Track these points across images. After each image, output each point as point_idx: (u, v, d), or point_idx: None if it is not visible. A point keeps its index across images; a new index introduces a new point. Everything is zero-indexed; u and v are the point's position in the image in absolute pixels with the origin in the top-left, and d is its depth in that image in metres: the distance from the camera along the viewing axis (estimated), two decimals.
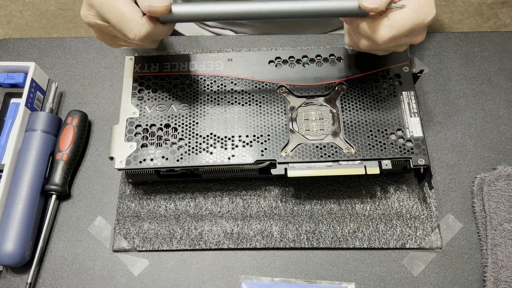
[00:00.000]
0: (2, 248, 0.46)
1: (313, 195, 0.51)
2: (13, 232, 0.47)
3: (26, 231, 0.48)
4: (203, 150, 0.47)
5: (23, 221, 0.48)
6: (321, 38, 0.61)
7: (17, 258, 0.47)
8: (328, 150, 0.47)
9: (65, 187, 0.51)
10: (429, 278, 0.48)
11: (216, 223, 0.50)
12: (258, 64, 0.52)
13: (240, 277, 0.48)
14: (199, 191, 0.52)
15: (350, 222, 0.50)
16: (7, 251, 0.46)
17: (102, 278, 0.49)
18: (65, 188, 0.51)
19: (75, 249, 0.50)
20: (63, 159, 0.51)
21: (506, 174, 0.51)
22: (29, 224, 0.48)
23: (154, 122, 0.49)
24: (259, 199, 0.51)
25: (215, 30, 0.74)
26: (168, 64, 0.52)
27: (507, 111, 0.56)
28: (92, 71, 0.59)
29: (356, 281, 0.48)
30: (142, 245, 0.49)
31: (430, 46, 0.60)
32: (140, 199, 0.52)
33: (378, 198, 0.51)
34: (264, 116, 0.49)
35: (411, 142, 0.47)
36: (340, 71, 0.51)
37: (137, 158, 0.47)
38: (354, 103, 0.50)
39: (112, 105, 0.57)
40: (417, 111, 0.49)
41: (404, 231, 0.49)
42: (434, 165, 0.53)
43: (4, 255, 0.46)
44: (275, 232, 0.50)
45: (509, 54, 0.59)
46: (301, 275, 0.48)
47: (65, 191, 0.51)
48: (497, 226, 0.48)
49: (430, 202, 0.51)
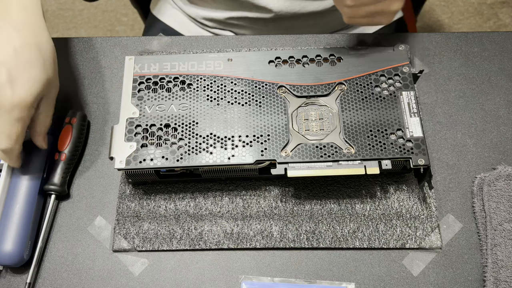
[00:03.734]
0: (0, 248, 0.46)
1: (313, 195, 0.51)
2: (11, 232, 0.47)
3: (24, 231, 0.48)
4: (203, 150, 0.47)
5: (22, 221, 0.48)
6: (321, 38, 0.61)
7: (15, 258, 0.47)
8: (328, 150, 0.47)
9: (64, 187, 0.51)
10: (429, 278, 0.48)
11: (216, 223, 0.50)
12: (258, 64, 0.52)
13: (240, 277, 0.48)
14: (199, 191, 0.52)
15: (350, 222, 0.50)
16: (6, 251, 0.46)
17: (102, 278, 0.49)
18: (64, 188, 0.51)
19: (74, 249, 0.50)
20: (61, 159, 0.51)
21: (506, 174, 0.51)
22: (28, 224, 0.48)
23: (154, 122, 0.49)
24: (259, 199, 0.51)
25: (215, 31, 0.74)
26: (168, 64, 0.52)
27: (507, 111, 0.56)
28: (92, 71, 0.59)
29: (356, 281, 0.48)
30: (142, 245, 0.49)
31: (430, 46, 0.60)
32: (140, 199, 0.52)
33: (378, 198, 0.51)
34: (264, 116, 0.49)
35: (411, 142, 0.47)
36: (340, 71, 0.51)
37: (137, 158, 0.47)
38: (354, 103, 0.50)
39: (112, 105, 0.57)
40: (417, 111, 0.49)
41: (404, 231, 0.49)
42: (434, 165, 0.53)
43: (3, 255, 0.46)
44: (275, 232, 0.50)
45: (509, 54, 0.59)
46: (301, 275, 0.48)
47: (64, 190, 0.51)
48: (497, 226, 0.48)
49: (430, 202, 0.51)
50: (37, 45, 0.46)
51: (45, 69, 0.46)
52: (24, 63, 0.44)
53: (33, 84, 0.44)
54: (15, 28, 0.45)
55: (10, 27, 0.45)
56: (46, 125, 0.49)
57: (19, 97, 0.43)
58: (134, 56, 0.53)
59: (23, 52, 0.44)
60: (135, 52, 0.60)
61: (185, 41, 0.61)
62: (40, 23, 0.47)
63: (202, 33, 0.75)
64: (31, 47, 0.45)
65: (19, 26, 0.46)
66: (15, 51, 0.44)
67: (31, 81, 0.44)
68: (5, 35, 0.45)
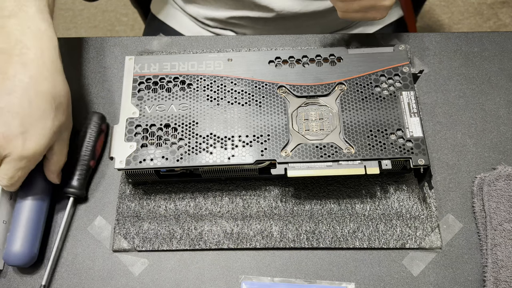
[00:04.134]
0: (11, 248, 0.46)
1: (313, 195, 0.51)
2: (22, 232, 0.47)
3: (35, 231, 0.48)
4: (203, 150, 0.47)
5: (33, 221, 0.47)
6: (321, 38, 0.61)
7: (26, 258, 0.46)
8: (328, 150, 0.47)
9: (83, 190, 0.51)
10: (429, 278, 0.48)
11: (216, 223, 0.50)
12: (258, 64, 0.52)
13: (240, 277, 0.48)
14: (199, 191, 0.52)
15: (350, 222, 0.50)
16: (16, 251, 0.46)
17: (102, 278, 0.49)
18: (83, 192, 0.51)
19: (75, 249, 0.50)
20: (91, 165, 0.52)
21: (506, 174, 0.51)
22: (39, 224, 0.48)
23: (154, 122, 0.49)
24: (259, 199, 0.51)
25: (215, 30, 0.74)
26: (168, 64, 0.52)
27: (507, 111, 0.56)
28: (92, 71, 0.59)
29: (356, 281, 0.48)
30: (142, 245, 0.49)
31: (430, 46, 0.60)
32: (140, 199, 0.52)
33: (378, 198, 0.51)
34: (264, 116, 0.49)
35: (411, 142, 0.47)
36: (340, 71, 0.51)
37: (137, 158, 0.47)
38: (354, 103, 0.50)
39: (112, 105, 0.57)
40: (417, 111, 0.49)
41: (404, 231, 0.49)
42: (434, 165, 0.53)
43: (13, 255, 0.46)
44: (275, 232, 0.50)
45: (509, 54, 0.59)
46: (301, 275, 0.48)
47: (82, 194, 0.51)
48: (497, 226, 0.48)
49: (430, 202, 0.51)
50: (52, 94, 0.45)
51: (57, 117, 0.46)
52: (37, 115, 0.44)
53: (44, 135, 0.44)
54: (31, 76, 0.44)
55: (26, 75, 0.44)
56: (60, 165, 0.49)
57: (29, 149, 0.44)
58: (134, 56, 0.53)
59: (37, 103, 0.44)
60: (135, 52, 0.60)
61: (185, 41, 0.61)
62: (56, 67, 0.47)
63: (202, 33, 0.75)
64: (46, 96, 0.45)
65: (35, 73, 0.45)
66: (29, 102, 0.44)
67: (42, 133, 0.44)
68: (20, 84, 0.44)
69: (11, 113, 0.43)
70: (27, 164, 0.45)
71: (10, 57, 0.44)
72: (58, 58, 0.47)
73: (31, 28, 0.46)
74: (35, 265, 0.49)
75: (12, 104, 0.43)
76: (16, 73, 0.44)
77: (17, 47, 0.45)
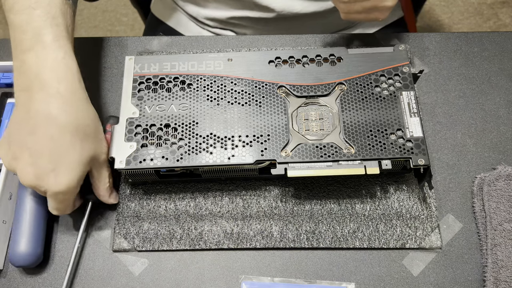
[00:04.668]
0: (17, 249, 0.46)
1: (313, 195, 0.51)
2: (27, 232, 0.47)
3: (39, 231, 0.48)
4: (203, 150, 0.47)
5: (36, 221, 0.47)
6: (321, 38, 0.61)
7: (31, 258, 0.46)
8: (328, 150, 0.47)
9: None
10: (429, 278, 0.48)
11: (216, 223, 0.50)
12: (258, 64, 0.52)
13: (240, 277, 0.48)
14: (199, 191, 0.52)
15: (350, 222, 0.50)
16: (22, 251, 0.46)
17: (102, 278, 0.49)
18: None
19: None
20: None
21: (506, 174, 0.51)
22: (43, 224, 0.48)
23: (154, 122, 0.49)
24: (259, 199, 0.51)
25: (215, 30, 0.74)
26: (168, 64, 0.52)
27: (507, 111, 0.56)
28: (92, 71, 0.59)
29: (356, 281, 0.48)
30: (142, 245, 0.49)
31: (430, 46, 0.60)
32: (140, 199, 0.52)
33: (378, 198, 0.51)
34: (264, 116, 0.49)
35: (411, 142, 0.47)
36: (340, 71, 0.51)
37: (137, 158, 0.47)
38: (354, 103, 0.50)
39: (112, 105, 0.57)
40: (417, 111, 0.49)
41: (404, 231, 0.49)
42: (434, 165, 0.53)
43: (19, 255, 0.46)
44: (275, 232, 0.50)
45: (509, 54, 0.59)
46: (301, 275, 0.48)
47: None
48: (497, 226, 0.48)
49: (430, 202, 0.51)
50: (74, 125, 0.44)
51: (85, 147, 0.45)
52: (63, 149, 0.44)
53: (73, 169, 0.44)
54: (50, 112, 0.44)
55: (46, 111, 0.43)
56: (105, 187, 0.49)
57: (61, 185, 0.44)
58: (134, 56, 0.53)
59: (59, 138, 0.44)
60: (135, 52, 0.60)
61: (185, 41, 0.61)
62: (77, 97, 0.46)
63: (202, 33, 0.75)
64: (68, 130, 0.44)
65: (53, 107, 0.44)
66: (51, 139, 0.43)
67: (71, 166, 0.44)
68: (42, 121, 0.43)
69: (38, 153, 0.43)
70: (65, 197, 0.45)
71: (31, 94, 0.44)
72: (78, 86, 0.46)
73: (48, 60, 0.45)
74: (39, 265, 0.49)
75: (36, 143, 0.43)
76: (37, 111, 0.44)
77: (36, 82, 0.44)
